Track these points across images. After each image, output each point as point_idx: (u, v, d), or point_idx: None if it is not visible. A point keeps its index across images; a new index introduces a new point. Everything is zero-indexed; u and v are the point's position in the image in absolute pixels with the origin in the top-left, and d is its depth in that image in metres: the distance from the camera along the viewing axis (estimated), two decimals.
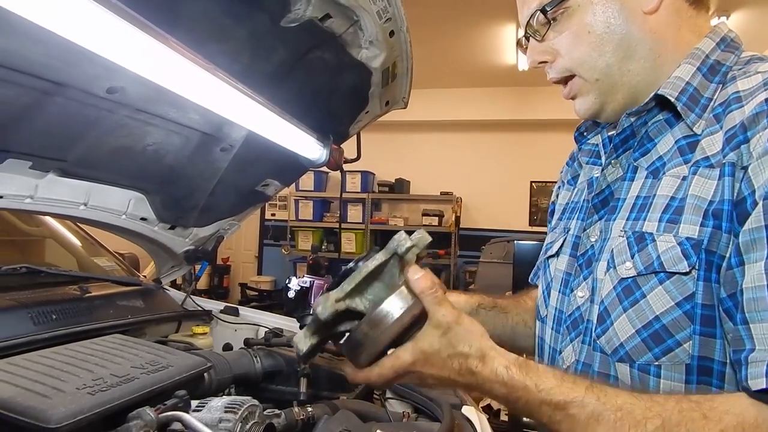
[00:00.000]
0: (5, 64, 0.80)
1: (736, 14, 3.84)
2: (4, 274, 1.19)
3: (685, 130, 0.70)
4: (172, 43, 0.81)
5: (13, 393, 0.72)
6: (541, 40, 0.78)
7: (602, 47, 0.73)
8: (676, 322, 0.63)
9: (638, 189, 0.72)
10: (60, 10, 0.65)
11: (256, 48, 1.04)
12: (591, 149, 0.89)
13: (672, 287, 0.64)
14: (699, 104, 0.69)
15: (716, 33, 0.74)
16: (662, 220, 0.67)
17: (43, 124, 0.96)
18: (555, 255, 0.86)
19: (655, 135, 0.74)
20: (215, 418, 0.82)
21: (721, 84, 0.70)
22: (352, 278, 0.63)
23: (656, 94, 0.71)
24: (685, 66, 0.71)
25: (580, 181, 0.90)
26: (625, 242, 0.70)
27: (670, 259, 0.64)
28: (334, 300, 0.62)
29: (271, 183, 1.59)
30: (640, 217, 0.70)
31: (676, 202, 0.66)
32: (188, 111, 1.14)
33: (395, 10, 1.09)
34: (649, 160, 0.73)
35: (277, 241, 6.43)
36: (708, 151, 0.66)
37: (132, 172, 1.26)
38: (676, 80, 0.71)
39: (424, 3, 3.67)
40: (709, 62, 0.71)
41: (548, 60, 0.79)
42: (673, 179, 0.68)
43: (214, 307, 1.65)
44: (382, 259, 0.63)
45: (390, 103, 1.45)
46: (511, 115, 5.86)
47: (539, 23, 0.76)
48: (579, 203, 0.86)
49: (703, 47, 0.72)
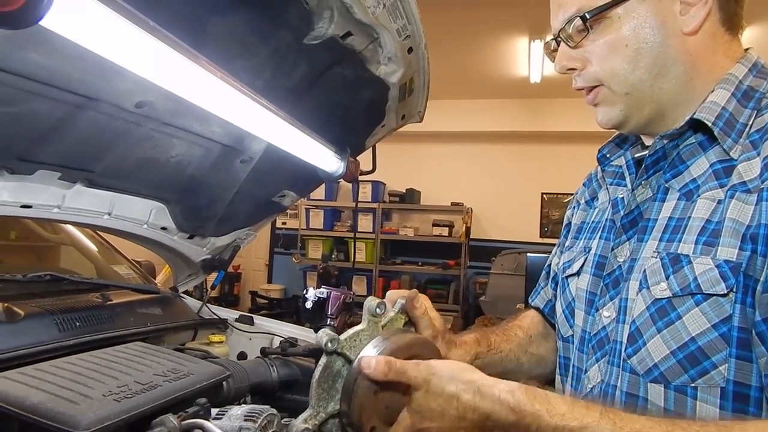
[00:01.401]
0: (42, 80, 0.83)
1: (751, 29, 3.83)
2: (29, 281, 1.22)
3: (720, 154, 0.70)
4: (199, 60, 0.84)
5: (43, 398, 0.74)
6: (574, 47, 0.76)
7: (637, 62, 0.73)
8: (712, 344, 0.63)
9: (671, 210, 0.72)
10: (95, 27, 0.68)
11: (278, 64, 1.07)
12: (614, 171, 0.89)
13: (709, 309, 0.64)
14: (735, 129, 0.70)
15: (748, 59, 0.74)
16: (699, 243, 0.66)
17: (74, 137, 0.99)
18: (576, 274, 0.86)
19: (687, 157, 0.73)
20: (235, 427, 0.83)
21: (755, 110, 0.70)
22: (311, 396, 0.67)
23: (692, 119, 0.71)
24: (720, 91, 0.71)
25: (601, 201, 0.90)
26: (659, 263, 0.69)
27: (707, 281, 0.64)
28: (300, 430, 0.64)
29: (287, 194, 1.62)
30: (675, 239, 0.69)
31: (712, 225, 0.66)
32: (211, 124, 1.17)
33: (414, 28, 1.12)
34: (681, 181, 0.73)
35: (288, 250, 6.46)
36: (745, 176, 0.66)
37: (155, 183, 1.29)
38: (712, 105, 0.71)
39: (436, 15, 3.71)
40: (743, 88, 0.72)
41: (577, 67, 0.78)
42: (708, 202, 0.68)
43: (229, 316, 1.67)
44: (321, 366, 0.67)
45: (406, 117, 1.47)
46: (523, 126, 5.86)
47: (575, 29, 0.74)
48: (601, 223, 0.86)
49: (736, 73, 0.72)
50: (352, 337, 0.69)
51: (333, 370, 0.68)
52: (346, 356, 0.68)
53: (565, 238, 0.99)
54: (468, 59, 4.73)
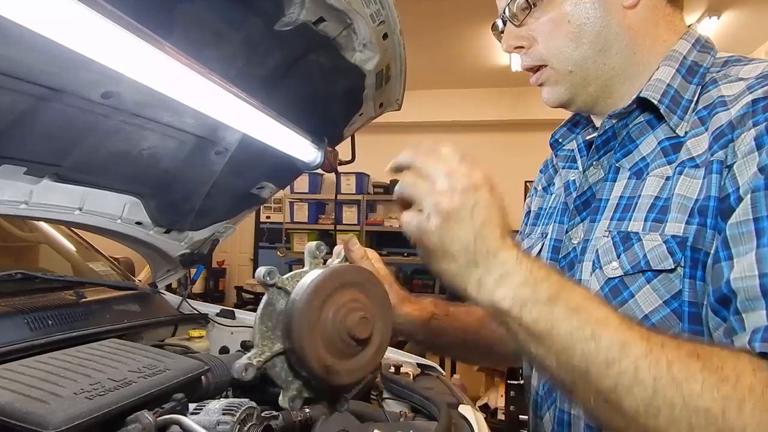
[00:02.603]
0: (2, 71, 0.80)
1: (726, 14, 3.88)
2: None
3: (667, 131, 0.71)
4: (167, 49, 0.82)
5: (11, 399, 0.72)
6: (519, 25, 0.77)
7: (580, 38, 0.73)
8: (665, 320, 0.64)
9: (621, 189, 0.73)
10: (57, 17, 0.65)
11: (251, 52, 1.05)
12: (566, 155, 0.89)
13: (659, 285, 0.64)
14: (680, 106, 0.70)
15: (691, 34, 0.75)
16: (648, 219, 0.67)
17: (39, 130, 0.96)
18: None
19: (636, 136, 0.74)
20: (213, 421, 0.82)
21: (699, 86, 0.71)
22: (254, 334, 0.66)
23: (639, 97, 0.72)
24: (664, 68, 0.72)
25: (557, 187, 0.90)
26: (610, 242, 0.70)
27: (656, 257, 0.65)
28: (243, 368, 0.64)
29: (266, 185, 1.59)
30: (625, 217, 0.70)
31: (661, 201, 0.67)
32: (183, 115, 1.15)
33: (389, 13, 1.10)
34: (631, 161, 0.74)
35: (273, 244, 6.43)
36: (693, 152, 0.66)
37: (127, 177, 1.26)
38: (657, 83, 0.71)
39: (415, 5, 3.69)
40: (687, 63, 0.72)
41: (524, 46, 0.78)
42: (657, 179, 0.69)
43: (210, 311, 1.65)
44: (263, 302, 0.66)
45: (384, 105, 1.46)
46: (505, 115, 5.88)
47: (519, 7, 0.76)
48: (556, 208, 0.87)
49: (679, 48, 0.73)
50: (294, 276, 0.68)
51: (276, 308, 0.67)
52: (287, 291, 0.67)
53: (525, 225, 0.99)
54: (449, 49, 4.72)
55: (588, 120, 0.88)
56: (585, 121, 0.89)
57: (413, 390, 1.16)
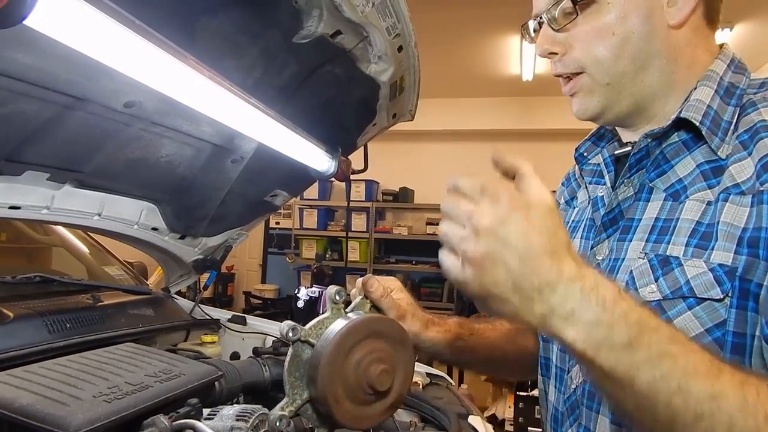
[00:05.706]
0: (30, 80, 0.82)
1: (739, 26, 3.86)
2: (18, 282, 1.21)
3: (707, 154, 0.68)
4: (189, 60, 0.84)
5: (32, 400, 0.73)
6: (559, 30, 0.74)
7: (622, 52, 0.70)
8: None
9: (657, 211, 0.70)
10: (83, 28, 0.67)
11: (268, 63, 1.07)
12: (592, 169, 0.88)
13: (702, 313, 0.62)
14: (721, 128, 0.68)
15: (725, 54, 0.73)
16: (690, 245, 0.65)
17: (62, 137, 0.99)
18: None
19: (672, 156, 0.72)
20: (227, 426, 0.83)
21: (737, 107, 0.69)
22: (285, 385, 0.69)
23: (678, 117, 0.70)
24: (702, 88, 0.70)
25: (581, 201, 0.89)
26: (647, 264, 0.68)
27: (700, 285, 0.62)
28: (278, 418, 0.67)
29: (279, 193, 1.61)
30: (663, 240, 0.68)
31: (702, 227, 0.65)
32: (201, 124, 1.17)
33: (404, 26, 1.12)
34: (666, 181, 0.71)
35: (282, 250, 6.44)
36: (738, 178, 0.64)
37: (145, 183, 1.29)
38: (697, 103, 0.69)
39: (428, 16, 3.72)
40: (724, 84, 0.70)
41: (558, 52, 0.75)
42: (698, 203, 0.66)
43: (221, 316, 1.67)
44: (289, 356, 0.69)
45: (397, 115, 1.47)
46: (515, 124, 5.88)
47: (562, 11, 0.72)
48: (580, 222, 0.85)
49: (716, 69, 0.71)
50: (316, 325, 0.71)
51: (302, 359, 0.70)
52: (311, 343, 0.70)
53: None
54: (460, 58, 4.74)
55: (613, 133, 0.85)
56: (610, 134, 0.86)
57: (423, 400, 1.16)
